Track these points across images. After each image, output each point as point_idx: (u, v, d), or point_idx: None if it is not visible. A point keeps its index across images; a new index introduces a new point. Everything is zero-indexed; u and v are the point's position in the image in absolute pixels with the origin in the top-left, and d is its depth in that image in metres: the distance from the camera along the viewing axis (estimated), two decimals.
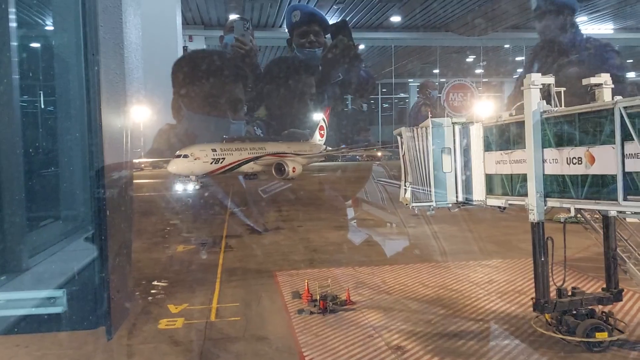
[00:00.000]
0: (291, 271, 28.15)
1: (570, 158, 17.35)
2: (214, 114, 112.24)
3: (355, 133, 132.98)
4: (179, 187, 67.72)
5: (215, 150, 72.06)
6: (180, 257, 31.69)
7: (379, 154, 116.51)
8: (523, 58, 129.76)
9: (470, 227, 37.63)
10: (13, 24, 6.66)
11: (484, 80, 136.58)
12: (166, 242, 35.82)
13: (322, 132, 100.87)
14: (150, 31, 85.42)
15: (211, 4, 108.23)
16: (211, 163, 69.68)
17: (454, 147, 20.95)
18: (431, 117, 21.28)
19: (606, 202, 16.22)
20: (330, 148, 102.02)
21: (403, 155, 21.82)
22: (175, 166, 66.31)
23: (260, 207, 49.58)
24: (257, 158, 78.32)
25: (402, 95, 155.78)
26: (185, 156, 67.13)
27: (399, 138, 22.02)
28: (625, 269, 19.37)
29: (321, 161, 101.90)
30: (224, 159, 71.95)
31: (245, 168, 76.32)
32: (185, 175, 67.69)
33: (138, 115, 74.36)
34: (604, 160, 16.07)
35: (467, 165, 21.03)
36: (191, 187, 66.50)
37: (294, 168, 74.95)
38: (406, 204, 21.47)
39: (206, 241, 35.26)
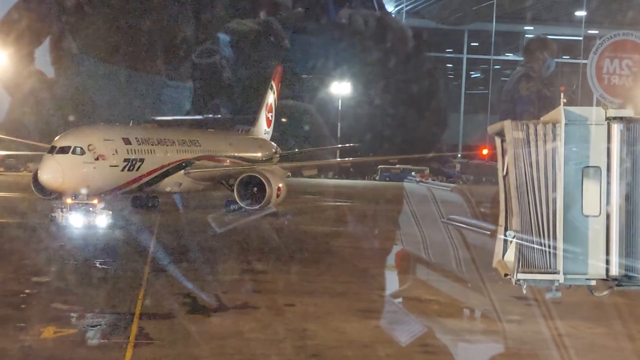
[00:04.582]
0: None
1: None
2: (134, 64, 65.70)
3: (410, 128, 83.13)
4: (64, 220, 34.77)
5: (129, 142, 40.06)
6: (45, 351, 16.75)
7: (457, 166, 77.55)
8: None
9: (635, 332, 20.03)
10: None
11: None
12: (22, 317, 19.59)
13: (270, 115, 60.48)
14: None
15: None
16: (122, 169, 38.96)
17: (609, 165, 11.99)
18: (565, 104, 11.97)
19: None
20: (275, 149, 58.91)
21: (504, 176, 12.51)
22: (52, 172, 35.07)
23: (212, 259, 28.82)
24: (188, 164, 45.09)
25: (511, 56, 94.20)
26: (77, 150, 35.89)
27: (497, 140, 12.82)
28: None
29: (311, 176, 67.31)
30: (142, 161, 40.65)
31: (169, 182, 43.85)
32: (73, 194, 35.38)
33: None
34: None
35: (633, 202, 11.92)
36: (90, 217, 34.80)
37: (279, 189, 42.71)
38: (506, 275, 11.94)
39: (99, 322, 19.19)
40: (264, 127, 59.42)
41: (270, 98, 60.31)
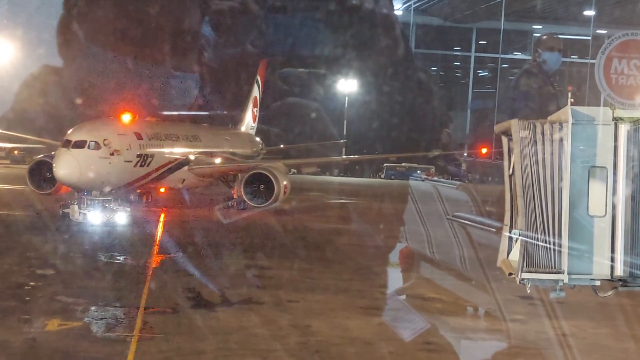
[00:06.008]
0: None
1: None
2: (140, 53, 65.38)
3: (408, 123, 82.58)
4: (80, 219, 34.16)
5: (141, 137, 39.21)
6: (50, 344, 16.82)
7: (464, 164, 77.33)
8: None
9: (639, 332, 19.92)
10: None
11: None
12: (27, 309, 19.73)
13: (255, 110, 60.31)
14: None
15: None
16: (135, 165, 38.33)
17: (615, 165, 11.83)
18: (572, 104, 11.76)
19: None
20: (259, 145, 58.47)
21: (510, 175, 12.32)
22: (69, 167, 34.00)
23: (217, 254, 28.74)
24: (190, 160, 44.62)
25: (518, 55, 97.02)
26: (92, 145, 34.99)
27: (504, 139, 12.59)
28: None
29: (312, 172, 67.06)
30: (152, 156, 39.87)
31: (174, 178, 43.40)
32: (87, 189, 34.90)
33: None
34: None
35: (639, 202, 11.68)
36: (108, 214, 34.45)
37: (285, 187, 41.86)
38: (510, 274, 11.67)
39: (104, 315, 19.19)
40: (250, 122, 58.99)
41: (256, 92, 59.82)
